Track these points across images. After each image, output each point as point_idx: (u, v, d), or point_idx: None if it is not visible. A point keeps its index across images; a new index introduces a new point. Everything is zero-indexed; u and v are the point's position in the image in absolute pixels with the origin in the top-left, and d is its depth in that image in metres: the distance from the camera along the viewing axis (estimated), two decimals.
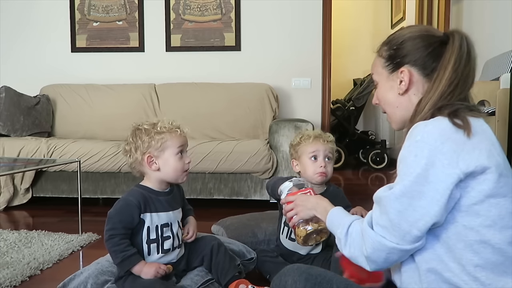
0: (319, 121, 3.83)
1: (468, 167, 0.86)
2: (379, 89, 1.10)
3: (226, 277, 1.52)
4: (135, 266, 1.39)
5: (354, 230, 0.99)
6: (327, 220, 1.11)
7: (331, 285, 1.00)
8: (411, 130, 0.93)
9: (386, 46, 1.07)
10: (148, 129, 1.46)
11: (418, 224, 0.88)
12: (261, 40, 3.82)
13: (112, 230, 1.40)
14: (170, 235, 1.48)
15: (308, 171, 1.67)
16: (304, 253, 1.69)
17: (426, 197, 0.87)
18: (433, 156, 0.87)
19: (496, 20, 3.19)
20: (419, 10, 4.55)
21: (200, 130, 3.48)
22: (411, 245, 0.90)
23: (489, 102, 2.23)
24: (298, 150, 1.71)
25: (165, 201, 1.49)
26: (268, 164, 2.93)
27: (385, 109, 1.11)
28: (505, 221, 0.89)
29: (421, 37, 1.02)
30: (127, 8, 3.88)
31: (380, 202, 0.94)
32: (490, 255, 0.88)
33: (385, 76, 1.07)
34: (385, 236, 0.91)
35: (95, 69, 3.93)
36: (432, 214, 0.87)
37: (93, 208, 2.96)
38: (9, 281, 1.71)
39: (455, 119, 0.90)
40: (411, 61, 1.02)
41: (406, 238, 0.89)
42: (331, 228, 1.09)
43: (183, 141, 1.49)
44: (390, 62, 1.05)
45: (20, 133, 3.32)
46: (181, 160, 1.48)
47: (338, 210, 1.11)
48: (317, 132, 1.73)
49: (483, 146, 0.89)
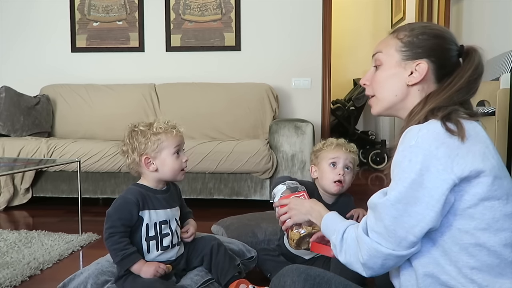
0: (319, 121, 3.83)
1: (463, 172, 0.86)
2: (382, 71, 1.05)
3: (226, 277, 1.52)
4: (134, 264, 1.39)
5: (349, 236, 0.98)
6: (321, 225, 1.11)
7: (329, 285, 1.00)
8: (405, 134, 0.92)
9: (408, 31, 1.03)
10: (144, 131, 1.46)
11: (414, 230, 0.88)
12: (261, 40, 3.82)
13: (111, 228, 1.40)
14: (169, 232, 1.48)
15: (325, 178, 1.65)
16: (308, 258, 1.69)
17: (421, 203, 0.87)
18: (428, 162, 0.87)
19: (496, 20, 3.19)
20: (419, 10, 4.55)
21: (200, 130, 3.48)
22: (407, 251, 0.90)
23: (489, 102, 2.23)
24: (318, 156, 1.68)
25: (162, 198, 1.50)
26: (268, 164, 2.93)
27: (377, 91, 1.07)
28: (499, 224, 0.88)
29: (448, 39, 1.02)
30: (127, 8, 3.88)
31: (375, 209, 0.93)
32: (485, 257, 0.88)
33: (397, 60, 1.03)
34: (381, 243, 0.91)
35: (95, 69, 3.93)
36: (428, 220, 0.87)
37: (93, 208, 2.96)
38: (9, 281, 1.71)
39: (448, 123, 0.90)
40: (432, 58, 1.00)
41: (402, 244, 0.89)
42: (326, 233, 1.09)
43: (179, 141, 1.50)
44: (408, 48, 1.02)
45: (20, 133, 3.32)
46: (178, 159, 1.49)
47: (332, 215, 1.11)
48: (341, 141, 1.70)
49: (477, 149, 0.89)
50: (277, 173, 2.97)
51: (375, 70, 1.08)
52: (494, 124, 2.05)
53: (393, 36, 1.05)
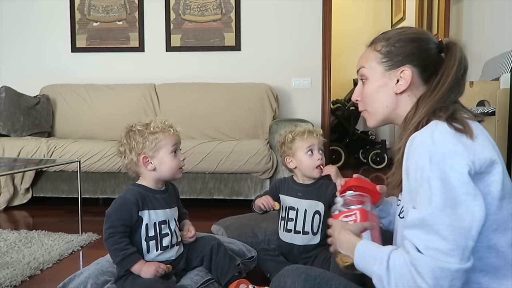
0: (319, 121, 3.83)
1: (481, 167, 0.84)
2: (369, 85, 1.06)
3: (226, 277, 1.52)
4: (135, 265, 1.39)
5: (397, 263, 0.86)
6: (355, 258, 0.97)
7: (330, 285, 1.00)
8: (412, 140, 0.90)
9: (384, 41, 1.04)
10: (142, 130, 1.47)
11: (472, 233, 0.81)
12: (261, 40, 3.82)
13: (111, 229, 1.40)
14: (168, 232, 1.49)
15: (305, 166, 1.71)
16: (301, 244, 1.70)
17: (461, 202, 0.81)
18: (449, 159, 0.83)
19: (496, 20, 3.19)
20: (419, 10, 4.55)
21: (200, 130, 3.48)
22: (470, 261, 0.82)
23: (489, 102, 2.23)
24: (292, 146, 1.73)
25: (161, 198, 1.50)
26: (268, 164, 2.93)
27: (368, 106, 1.07)
28: (507, 224, 0.87)
29: (424, 40, 1.02)
30: (127, 8, 3.88)
31: (422, 225, 0.83)
32: (494, 259, 0.87)
33: (380, 72, 1.04)
34: (444, 259, 0.80)
35: (95, 69, 3.93)
36: (478, 216, 0.81)
37: (93, 208, 2.96)
38: (9, 281, 1.71)
39: (454, 123, 0.89)
40: (413, 62, 1.00)
41: (465, 254, 0.81)
42: (363, 265, 0.94)
43: (176, 140, 1.51)
44: (389, 58, 1.03)
45: (20, 133, 3.32)
46: (176, 157, 1.50)
47: (366, 244, 0.97)
48: (307, 128, 1.76)
49: (486, 144, 0.89)
50: (277, 173, 2.97)
51: (362, 85, 1.09)
52: (494, 124, 2.05)
53: (371, 49, 1.06)
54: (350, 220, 1.09)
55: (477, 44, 3.36)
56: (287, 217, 1.73)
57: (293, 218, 1.71)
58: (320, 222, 1.69)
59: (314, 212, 1.69)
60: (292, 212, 1.72)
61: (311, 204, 1.70)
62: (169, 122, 1.51)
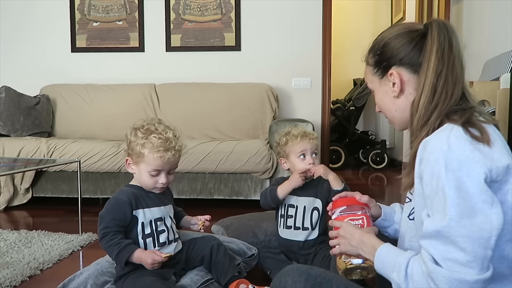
0: (319, 121, 3.83)
1: (498, 174, 0.83)
2: (376, 96, 1.09)
3: (226, 277, 1.52)
4: (133, 254, 1.38)
5: (415, 272, 0.86)
6: (375, 261, 0.96)
7: (331, 285, 1.00)
8: (426, 144, 0.88)
9: (370, 53, 1.07)
10: (139, 135, 1.45)
11: (490, 243, 0.80)
12: (261, 40, 3.82)
13: (105, 229, 1.40)
14: (164, 228, 1.49)
15: (297, 169, 1.73)
16: (302, 239, 1.72)
17: (479, 211, 0.80)
18: (466, 166, 0.81)
19: (496, 20, 3.19)
20: (419, 10, 4.55)
21: (200, 130, 3.48)
22: (489, 271, 0.80)
23: (489, 102, 2.23)
24: (285, 149, 1.76)
25: (154, 196, 1.50)
26: (268, 164, 2.93)
27: (386, 114, 1.10)
28: None
29: (401, 35, 1.01)
30: (127, 8, 3.88)
31: (439, 236, 0.82)
32: (504, 269, 0.85)
33: (377, 82, 1.07)
34: (462, 271, 0.79)
35: (95, 69, 3.93)
36: (496, 224, 0.79)
37: (93, 208, 2.94)
38: (9, 281, 1.71)
39: (470, 129, 0.85)
40: (397, 62, 1.01)
41: (484, 265, 0.80)
42: (383, 271, 0.95)
43: (162, 166, 1.44)
44: (378, 67, 1.05)
45: (20, 133, 3.32)
46: (153, 178, 1.46)
47: (387, 248, 0.96)
48: (302, 131, 1.77)
49: (503, 151, 0.86)
50: (277, 173, 2.97)
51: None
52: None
53: (365, 64, 1.11)
54: (357, 224, 1.11)
55: (477, 44, 3.36)
56: (286, 215, 1.76)
57: (292, 215, 1.74)
58: (319, 218, 1.73)
59: (313, 209, 1.73)
60: (292, 209, 1.75)
61: (310, 201, 1.73)
62: (174, 143, 1.45)
